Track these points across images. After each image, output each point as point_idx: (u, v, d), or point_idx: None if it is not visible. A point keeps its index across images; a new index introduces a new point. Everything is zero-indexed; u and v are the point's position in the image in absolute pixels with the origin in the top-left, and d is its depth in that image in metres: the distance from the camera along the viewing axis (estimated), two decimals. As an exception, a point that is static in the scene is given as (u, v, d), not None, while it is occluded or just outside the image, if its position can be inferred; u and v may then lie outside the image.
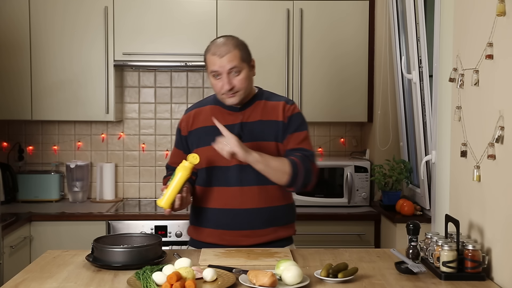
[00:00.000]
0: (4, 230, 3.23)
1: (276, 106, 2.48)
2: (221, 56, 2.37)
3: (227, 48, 2.38)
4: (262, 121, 2.45)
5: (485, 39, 2.03)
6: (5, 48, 3.89)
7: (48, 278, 2.01)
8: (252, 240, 2.43)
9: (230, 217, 2.43)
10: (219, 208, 2.45)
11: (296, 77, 3.97)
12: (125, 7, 3.93)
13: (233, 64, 2.37)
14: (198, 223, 2.52)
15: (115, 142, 4.31)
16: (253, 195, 2.41)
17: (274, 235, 2.46)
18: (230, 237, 2.43)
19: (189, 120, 2.54)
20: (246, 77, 2.41)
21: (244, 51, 2.42)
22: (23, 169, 4.23)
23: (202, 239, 2.50)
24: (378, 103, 3.94)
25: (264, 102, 2.49)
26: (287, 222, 2.51)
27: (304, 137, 2.46)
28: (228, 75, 2.38)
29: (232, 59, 2.37)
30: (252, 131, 2.44)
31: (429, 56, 3.22)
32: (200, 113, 2.53)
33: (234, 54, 2.38)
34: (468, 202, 2.23)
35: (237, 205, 2.42)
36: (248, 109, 2.47)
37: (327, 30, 3.99)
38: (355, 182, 3.92)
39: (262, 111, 2.47)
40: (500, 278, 1.95)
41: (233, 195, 2.42)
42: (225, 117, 2.46)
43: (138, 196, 4.31)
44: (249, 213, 2.42)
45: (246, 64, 2.41)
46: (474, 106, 2.18)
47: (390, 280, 1.99)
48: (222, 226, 2.44)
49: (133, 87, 4.32)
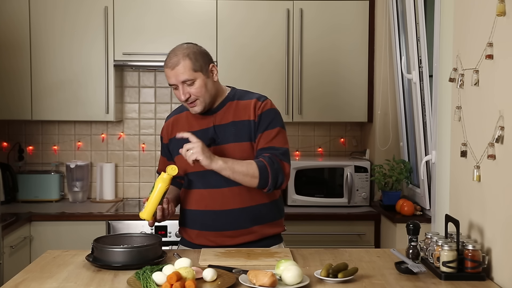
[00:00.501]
0: (4, 230, 3.23)
1: (247, 105, 2.45)
2: (172, 68, 2.35)
3: (176, 60, 2.35)
4: (234, 122, 2.43)
5: (485, 39, 2.03)
6: (5, 48, 3.89)
7: (48, 278, 2.01)
8: (237, 240, 2.43)
9: (212, 218, 2.43)
10: (201, 210, 2.45)
11: (296, 77, 3.97)
12: (125, 7, 3.93)
13: (184, 77, 2.34)
14: (185, 224, 2.53)
15: (115, 142, 4.31)
16: (233, 196, 2.40)
17: (259, 233, 2.45)
18: (215, 238, 2.43)
19: (168, 128, 2.56)
20: (202, 85, 2.37)
21: (195, 59, 2.36)
22: (23, 169, 4.23)
23: (190, 239, 2.51)
24: (378, 103, 3.94)
25: (236, 103, 2.47)
26: (272, 219, 2.49)
27: (275, 134, 2.40)
28: (183, 85, 2.36)
29: (183, 71, 2.34)
30: (226, 133, 2.43)
31: (429, 56, 3.22)
32: (178, 120, 2.54)
33: (184, 65, 2.34)
34: (468, 202, 2.23)
35: (218, 207, 2.42)
36: (220, 112, 2.46)
37: (327, 30, 3.99)
38: (355, 182, 3.92)
39: (234, 112, 2.45)
40: (500, 278, 1.95)
41: (214, 197, 2.42)
42: (199, 121, 2.46)
43: (138, 196, 4.31)
44: (231, 213, 2.41)
45: (200, 73, 2.36)
46: (474, 106, 2.18)
47: (390, 280, 1.99)
48: (206, 228, 2.44)
49: (133, 87, 4.32)
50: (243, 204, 2.42)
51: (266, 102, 2.45)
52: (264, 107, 2.43)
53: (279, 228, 2.52)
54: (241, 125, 2.42)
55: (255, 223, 2.44)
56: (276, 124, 2.42)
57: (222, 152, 2.39)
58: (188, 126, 2.48)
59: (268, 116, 2.42)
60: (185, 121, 2.50)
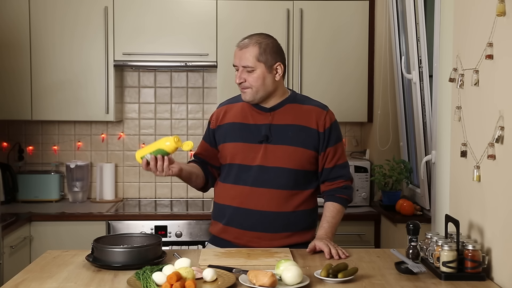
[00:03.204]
0: (4, 230, 3.23)
1: (309, 111, 2.46)
2: (240, 48, 2.41)
3: (247, 43, 2.40)
4: (294, 126, 2.44)
5: (485, 39, 2.03)
6: (5, 48, 3.89)
7: (48, 278, 2.01)
8: (264, 243, 2.41)
9: (243, 216, 2.42)
10: (234, 206, 2.45)
11: (296, 77, 3.97)
12: (125, 7, 3.93)
13: (246, 62, 2.38)
14: (216, 218, 2.53)
15: (115, 142, 4.31)
16: (269, 198, 2.40)
17: (289, 240, 2.44)
18: (244, 237, 2.43)
19: (219, 114, 2.55)
20: (260, 77, 2.39)
21: (264, 50, 2.39)
22: (23, 169, 4.23)
23: (218, 234, 2.50)
24: (378, 103, 3.94)
25: (296, 106, 2.47)
26: (305, 228, 2.48)
27: (341, 149, 2.51)
28: (243, 70, 2.40)
29: (247, 56, 2.38)
30: (282, 133, 2.42)
31: (429, 56, 3.22)
32: (231, 109, 2.54)
33: (251, 51, 2.38)
34: (468, 202, 2.23)
35: (252, 206, 2.42)
36: (279, 111, 2.46)
37: (327, 30, 3.99)
38: (355, 182, 3.91)
39: (294, 115, 2.45)
40: (500, 278, 1.95)
41: (249, 195, 2.42)
42: (254, 115, 2.46)
43: (138, 196, 4.31)
44: (264, 215, 2.41)
45: (263, 65, 2.39)
46: (474, 106, 2.18)
47: (390, 280, 1.99)
48: (236, 225, 2.44)
49: (133, 87, 4.32)
50: (277, 208, 2.40)
51: (331, 113, 2.51)
52: (331, 119, 2.49)
53: (308, 236, 2.50)
54: (303, 131, 2.43)
55: (286, 229, 2.44)
56: (340, 137, 2.53)
57: (273, 151, 2.40)
58: (242, 117, 2.48)
59: (336, 130, 2.50)
60: (240, 111, 2.50)
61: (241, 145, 2.45)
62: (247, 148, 2.43)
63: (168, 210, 3.94)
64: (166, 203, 4.15)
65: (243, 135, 2.44)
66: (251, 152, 2.43)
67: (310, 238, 2.49)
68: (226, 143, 2.47)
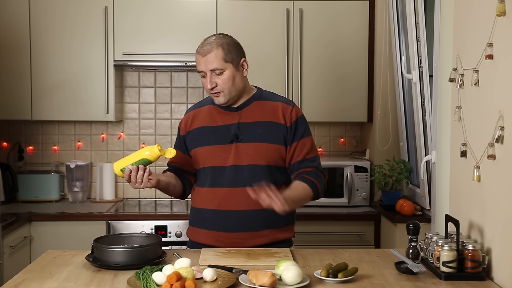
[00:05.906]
0: (4, 230, 3.23)
1: (275, 107, 2.46)
2: (204, 55, 2.38)
3: (209, 47, 2.38)
4: (262, 122, 2.44)
5: (485, 39, 2.03)
6: (5, 48, 3.89)
7: (48, 278, 2.01)
8: (247, 243, 2.41)
9: (223, 218, 2.42)
10: (212, 209, 2.44)
11: (296, 77, 3.97)
12: (125, 7, 3.93)
13: (213, 66, 2.36)
14: (195, 224, 2.52)
15: (115, 142, 4.31)
16: (247, 197, 2.36)
17: (271, 237, 2.44)
18: (225, 239, 2.42)
19: (188, 120, 2.55)
20: (230, 77, 2.38)
21: (228, 50, 2.38)
22: (23, 169, 4.23)
23: (198, 240, 2.49)
24: (378, 103, 3.94)
25: (262, 103, 2.48)
26: (285, 224, 2.49)
27: (310, 143, 2.48)
28: (212, 74, 2.37)
29: (213, 59, 2.36)
30: (251, 131, 2.43)
31: (429, 56, 3.22)
32: (199, 113, 2.53)
33: (216, 53, 2.36)
34: (468, 202, 2.23)
35: (230, 207, 2.41)
36: (246, 109, 2.46)
37: (327, 30, 3.99)
38: (355, 182, 3.92)
39: (261, 112, 2.46)
40: (500, 278, 1.95)
41: (226, 196, 2.41)
42: (222, 116, 2.46)
43: (138, 196, 4.31)
44: (244, 215, 2.40)
45: (231, 64, 2.38)
46: (474, 106, 2.18)
47: (390, 280, 1.99)
48: (217, 228, 2.43)
49: (133, 87, 4.32)
50: (257, 206, 2.37)
51: (297, 108, 2.50)
52: (296, 114, 2.47)
53: (290, 233, 2.51)
54: (271, 127, 2.43)
55: (267, 227, 2.43)
56: (308, 132, 2.50)
57: (244, 150, 2.40)
58: (211, 120, 2.47)
59: (302, 124, 2.48)
60: (207, 115, 2.49)
61: (211, 147, 2.44)
62: (218, 150, 2.43)
63: (168, 210, 3.94)
64: (166, 203, 4.15)
65: (213, 138, 2.44)
66: (223, 153, 2.42)
67: (292, 234, 2.52)
68: (197, 147, 2.46)
